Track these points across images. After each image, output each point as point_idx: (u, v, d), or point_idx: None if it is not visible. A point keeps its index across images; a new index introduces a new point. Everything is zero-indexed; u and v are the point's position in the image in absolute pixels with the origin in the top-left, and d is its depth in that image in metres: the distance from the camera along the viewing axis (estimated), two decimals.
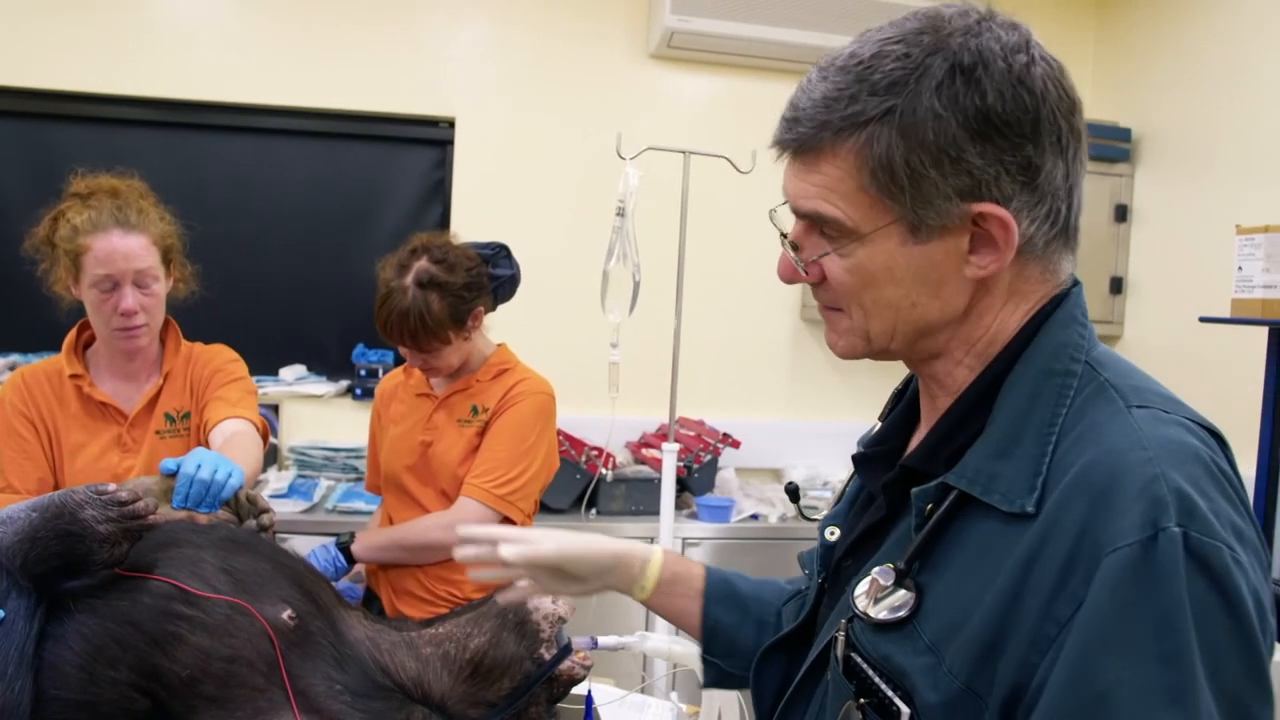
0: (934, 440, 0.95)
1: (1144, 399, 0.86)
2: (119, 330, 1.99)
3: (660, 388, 2.80)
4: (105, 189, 2.01)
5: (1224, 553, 0.75)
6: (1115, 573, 0.75)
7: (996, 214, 0.86)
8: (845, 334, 0.96)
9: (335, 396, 3.84)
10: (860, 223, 0.88)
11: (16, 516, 1.19)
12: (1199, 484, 0.78)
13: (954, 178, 0.85)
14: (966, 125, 0.84)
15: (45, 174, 3.45)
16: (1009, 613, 0.80)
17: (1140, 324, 3.89)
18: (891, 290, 0.90)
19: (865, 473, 1.08)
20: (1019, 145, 0.85)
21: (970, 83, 0.84)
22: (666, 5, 3.65)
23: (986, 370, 0.93)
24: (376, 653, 1.39)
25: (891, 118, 0.84)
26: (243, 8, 3.71)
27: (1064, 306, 0.92)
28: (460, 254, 2.23)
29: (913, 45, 0.85)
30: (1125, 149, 3.90)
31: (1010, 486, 0.84)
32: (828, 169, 0.88)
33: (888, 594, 0.90)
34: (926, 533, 0.89)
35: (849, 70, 0.87)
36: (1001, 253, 0.88)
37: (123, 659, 1.16)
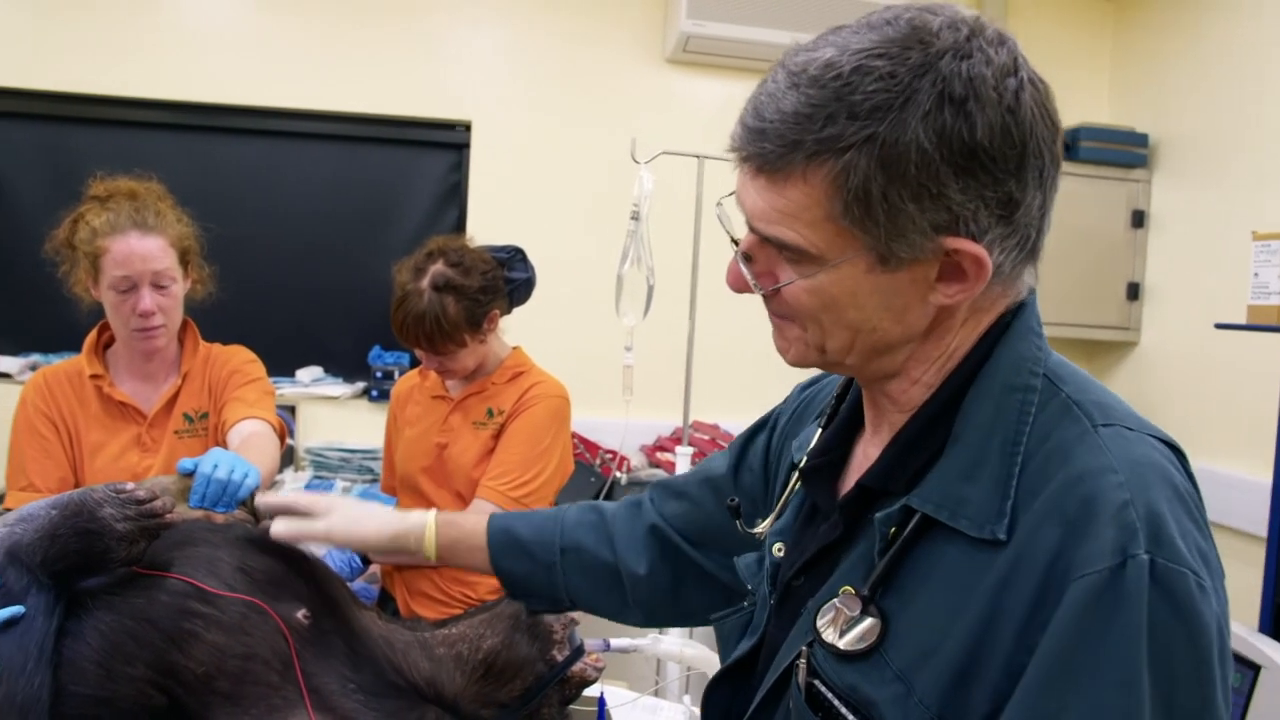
0: (893, 457, 0.91)
1: (1109, 416, 0.84)
2: (137, 331, 2.01)
3: (675, 391, 2.81)
4: (124, 191, 2.03)
5: (1189, 579, 0.74)
6: (1081, 598, 0.74)
7: (971, 250, 0.82)
8: (795, 343, 0.92)
9: (351, 398, 3.86)
10: (825, 251, 0.83)
11: (37, 514, 1.20)
12: (1169, 506, 0.77)
13: (932, 212, 0.80)
14: (951, 160, 0.78)
15: (64, 176, 3.48)
16: (982, 641, 0.79)
17: (1157, 330, 3.88)
18: (853, 314, 0.86)
19: (813, 486, 1.03)
20: (1002, 181, 0.81)
21: (960, 115, 0.78)
22: (682, 9, 3.66)
23: (944, 386, 0.90)
24: (390, 652, 1.40)
25: (872, 146, 0.78)
26: (260, 11, 3.74)
27: (1021, 318, 0.90)
28: (476, 257, 2.24)
29: (898, 63, 0.78)
30: (1142, 154, 3.89)
31: (978, 511, 0.82)
32: (794, 193, 0.82)
33: (854, 623, 0.87)
34: (891, 557, 0.86)
35: (824, 84, 0.79)
36: (971, 285, 0.84)
37: (139, 656, 1.17)
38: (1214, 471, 3.43)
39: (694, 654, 1.59)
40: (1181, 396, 3.69)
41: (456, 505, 2.28)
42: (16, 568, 1.15)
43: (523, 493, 2.22)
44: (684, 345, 2.72)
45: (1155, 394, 3.83)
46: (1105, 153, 3.86)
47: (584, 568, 1.34)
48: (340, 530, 1.35)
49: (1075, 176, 3.87)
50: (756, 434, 1.27)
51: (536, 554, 1.35)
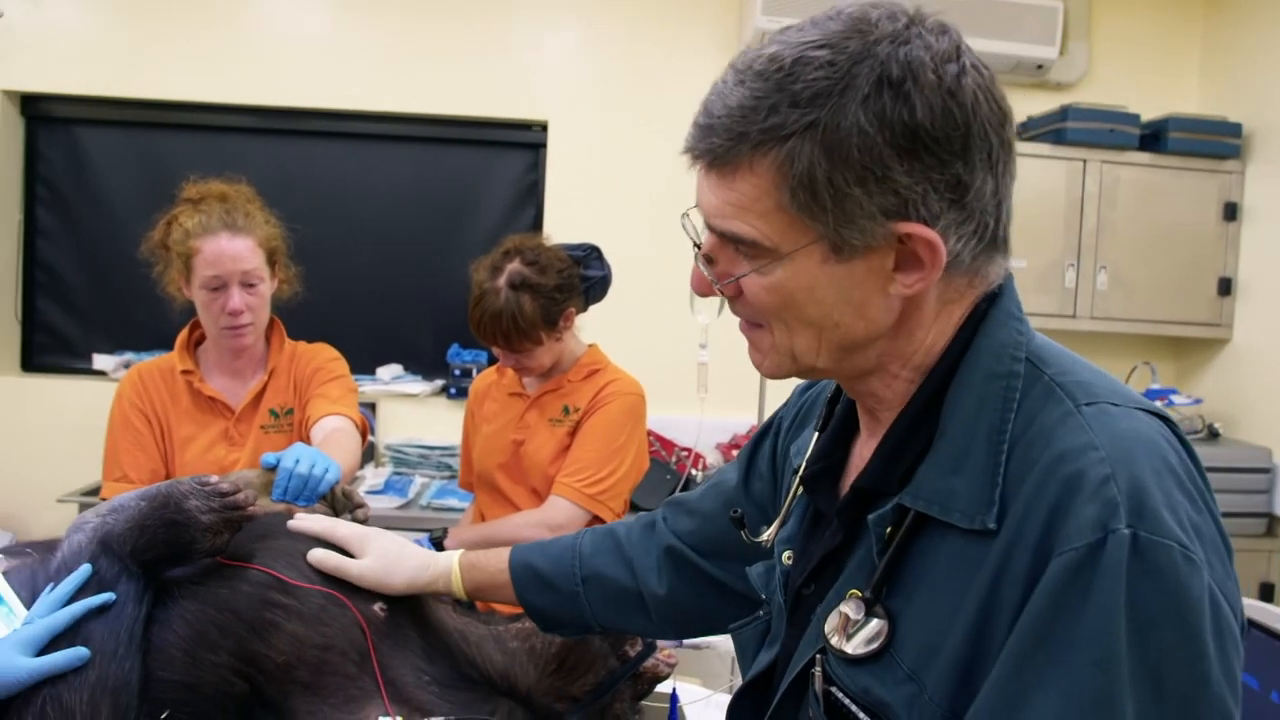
0: (883, 457, 0.91)
1: (1092, 394, 0.83)
2: (226, 329, 2.07)
3: (750, 389, 2.80)
4: (215, 194, 2.10)
5: (1174, 551, 0.72)
6: (1059, 575, 0.73)
7: (923, 234, 0.81)
8: (770, 352, 0.91)
9: (430, 395, 3.92)
10: (779, 242, 0.83)
11: (127, 505, 1.25)
12: (1155, 479, 0.76)
13: (879, 196, 0.80)
14: (893, 142, 0.79)
15: (157, 180, 3.61)
16: (981, 633, 0.78)
17: (1250, 327, 3.75)
18: (813, 309, 0.85)
19: (814, 491, 1.03)
20: (948, 163, 0.81)
21: (898, 96, 0.79)
22: (757, 6, 3.65)
23: (926, 381, 0.89)
24: (464, 645, 1.42)
25: (814, 132, 0.79)
26: (341, 18, 3.82)
27: (998, 304, 0.89)
28: (552, 256, 2.25)
29: (838, 52, 0.79)
30: (1235, 145, 3.77)
31: (968, 503, 0.82)
32: (743, 185, 0.82)
33: (860, 627, 0.86)
34: (889, 557, 0.86)
35: (768, 76, 0.80)
36: (928, 272, 0.83)
37: (223, 644, 1.21)
38: None
39: None
40: (1277, 395, 3.56)
41: (533, 501, 2.30)
42: (108, 556, 1.20)
43: (598, 489, 2.23)
44: None
45: (1248, 392, 3.70)
46: (1195, 144, 3.74)
47: (606, 594, 1.34)
48: (372, 577, 1.34)
49: (1164, 169, 3.77)
50: (762, 440, 1.26)
51: (559, 585, 1.36)
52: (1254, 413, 3.64)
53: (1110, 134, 3.73)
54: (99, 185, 3.85)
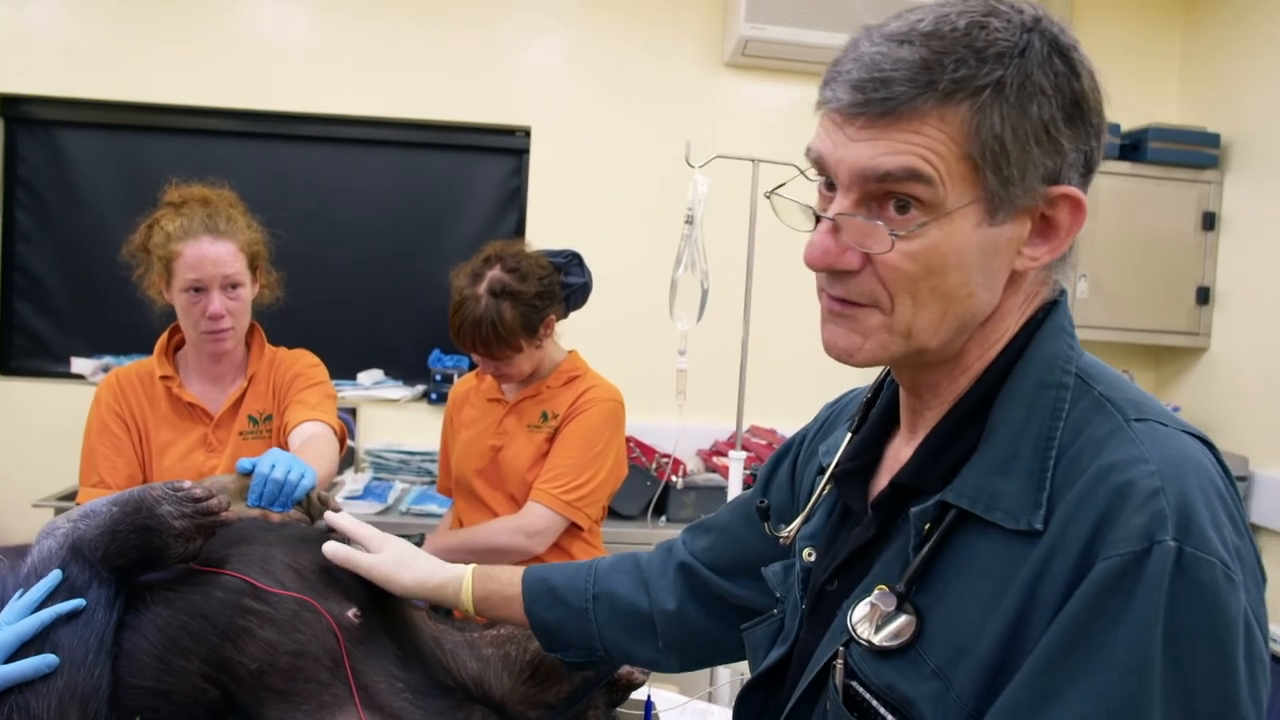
0: (926, 455, 0.91)
1: (1142, 411, 0.84)
2: (206, 333, 2.07)
3: (730, 396, 2.80)
4: (197, 198, 2.10)
5: (1216, 569, 0.73)
6: (1101, 580, 0.74)
7: (1074, 195, 0.84)
8: (876, 332, 0.88)
9: (411, 401, 3.92)
10: (949, 193, 0.82)
11: (99, 511, 1.25)
12: (1203, 498, 0.76)
13: (1048, 158, 0.83)
14: (1064, 106, 0.82)
15: (138, 183, 3.60)
16: (1017, 633, 0.78)
17: (1228, 336, 3.77)
18: (955, 277, 0.85)
19: (846, 489, 1.03)
20: (1090, 135, 0.85)
21: (1068, 63, 0.83)
22: (741, 13, 3.66)
23: (979, 382, 0.90)
24: (439, 652, 1.42)
25: (1003, 88, 0.81)
26: (325, 22, 3.82)
27: (1053, 316, 0.91)
28: (533, 262, 2.26)
29: (1005, 19, 0.83)
30: (1214, 155, 3.79)
31: (1014, 504, 0.82)
32: (929, 132, 0.81)
33: (890, 619, 0.87)
34: (926, 553, 0.86)
35: (944, 35, 0.82)
36: (1060, 241, 0.86)
37: (194, 650, 1.20)
38: None
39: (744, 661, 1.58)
40: (1253, 404, 3.59)
41: (511, 507, 2.30)
42: (79, 562, 1.19)
43: (576, 496, 2.23)
44: (738, 349, 2.71)
45: (1226, 401, 3.73)
46: (1174, 153, 3.77)
47: (616, 613, 1.34)
48: (381, 571, 1.37)
49: (1143, 178, 3.80)
50: (782, 458, 1.27)
51: (569, 600, 1.35)
52: (1232, 421, 3.66)
53: None
54: (79, 188, 3.83)
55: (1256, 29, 3.69)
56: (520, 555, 2.24)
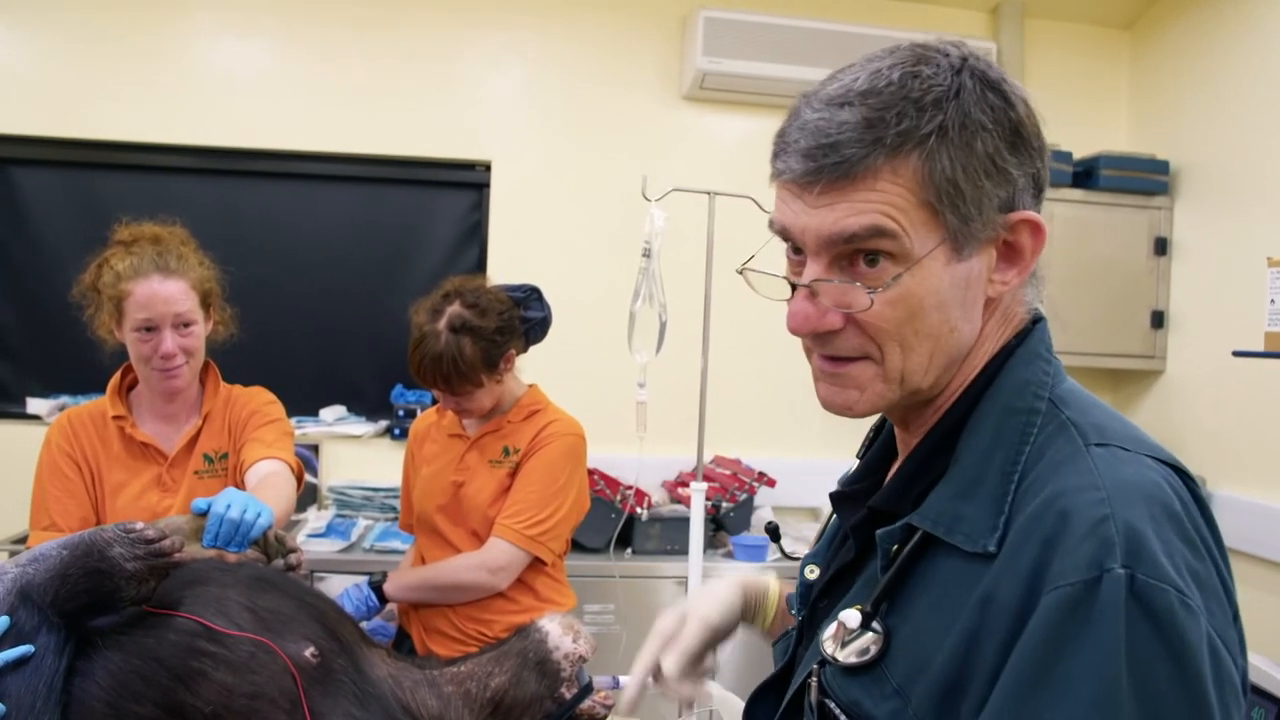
0: (901, 480, 0.93)
1: (1104, 436, 0.84)
2: (159, 371, 2.05)
3: (691, 427, 2.81)
4: (147, 236, 2.08)
5: (1170, 596, 0.72)
6: (1053, 612, 0.74)
7: (1031, 218, 0.87)
8: (872, 383, 0.90)
9: (374, 437, 3.89)
10: (915, 243, 0.84)
11: (49, 554, 1.22)
12: (1153, 524, 0.76)
13: (1000, 188, 0.85)
14: (1005, 136, 0.85)
15: (95, 221, 3.53)
16: (969, 654, 0.79)
17: (1183, 358, 3.84)
18: (936, 316, 0.87)
19: (842, 511, 1.05)
20: (1033, 158, 0.88)
21: (999, 95, 0.86)
22: (698, 48, 3.71)
23: (952, 409, 0.92)
24: (399, 690, 1.40)
25: (946, 131, 0.83)
26: (283, 57, 3.82)
27: (1027, 343, 0.92)
28: (492, 298, 2.26)
29: (934, 66, 0.85)
30: (1163, 181, 3.87)
31: (973, 527, 0.83)
32: (885, 186, 0.83)
33: (854, 637, 0.88)
34: (892, 574, 0.88)
35: (879, 92, 0.84)
36: (1025, 263, 0.89)
37: (148, 695, 1.18)
38: (1242, 500, 3.38)
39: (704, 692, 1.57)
40: (1208, 424, 3.65)
41: (473, 543, 2.29)
42: (28, 607, 1.17)
43: (538, 531, 2.23)
44: (697, 381, 2.72)
45: (1182, 422, 3.78)
46: (1126, 181, 3.84)
47: None
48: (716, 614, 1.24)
49: (1096, 205, 3.86)
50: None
51: None
52: (1188, 442, 3.71)
53: None
54: (35, 226, 3.78)
55: (1200, 59, 3.78)
56: (483, 591, 2.22)
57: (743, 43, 3.72)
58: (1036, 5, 4.11)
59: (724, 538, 3.60)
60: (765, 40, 3.73)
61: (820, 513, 3.95)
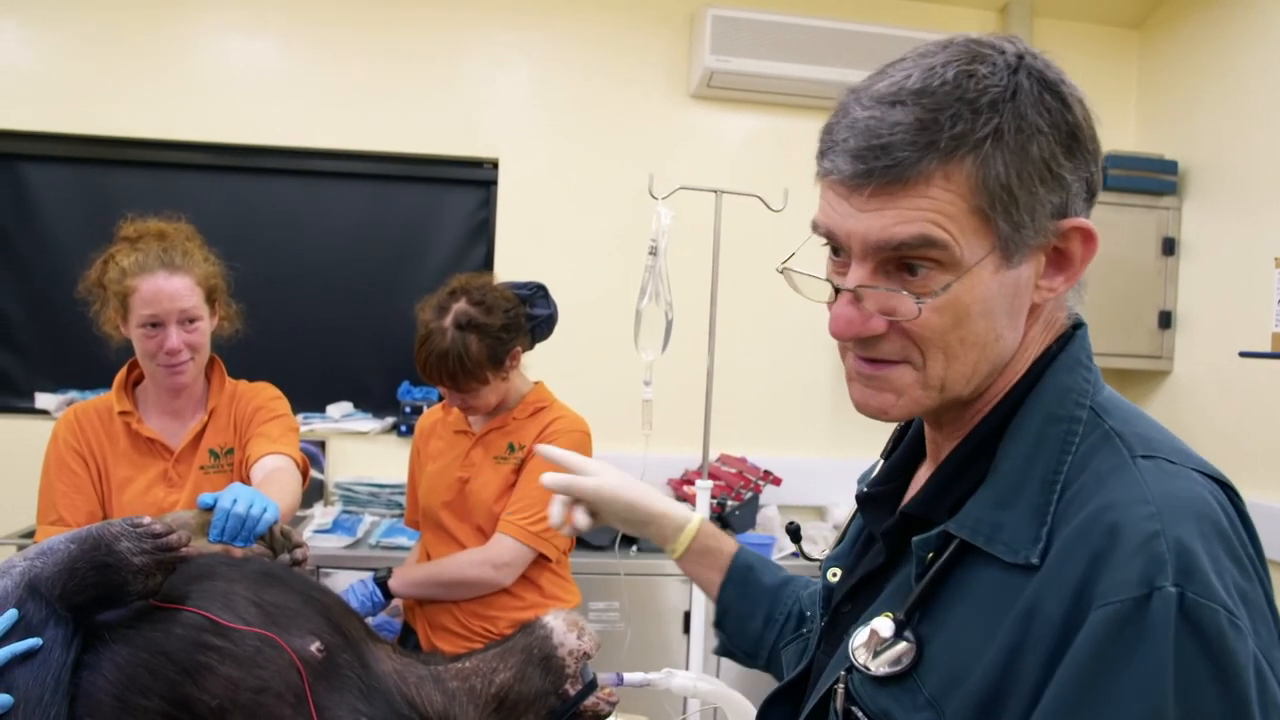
0: (936, 486, 0.91)
1: (1150, 448, 0.83)
2: (164, 367, 2.05)
3: (696, 425, 2.81)
4: (153, 232, 2.09)
5: (1220, 616, 0.71)
6: (1102, 628, 0.72)
7: (1083, 226, 0.85)
8: (910, 389, 0.88)
9: (380, 433, 3.90)
10: (965, 250, 0.82)
11: (56, 548, 1.23)
12: (1203, 542, 0.74)
13: (1054, 194, 0.83)
14: (1061, 140, 0.82)
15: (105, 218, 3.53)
16: (1009, 668, 0.77)
17: (1190, 359, 3.83)
18: (983, 324, 0.85)
19: (868, 514, 1.04)
20: (1088, 161, 0.85)
21: (1057, 97, 0.83)
22: (706, 46, 3.70)
23: (991, 414, 0.90)
24: (404, 686, 1.41)
25: (1002, 135, 0.80)
26: (291, 55, 3.82)
27: (1068, 349, 0.90)
28: (498, 295, 2.26)
29: (990, 65, 0.82)
30: (1172, 181, 3.86)
31: (1014, 537, 0.82)
32: (937, 192, 0.81)
33: (887, 646, 0.87)
34: (927, 582, 0.86)
35: (934, 92, 0.81)
36: (1074, 270, 0.87)
37: (154, 688, 1.19)
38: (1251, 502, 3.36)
39: (708, 689, 1.58)
40: (1215, 425, 3.64)
41: (478, 539, 2.29)
42: (36, 600, 1.17)
43: (542, 527, 2.23)
44: (703, 379, 2.72)
45: (1190, 423, 3.77)
46: (1134, 180, 3.84)
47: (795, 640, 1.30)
48: (609, 488, 1.34)
49: (1104, 205, 3.85)
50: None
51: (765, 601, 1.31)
52: (1196, 443, 3.61)
53: None
54: (45, 222, 3.79)
55: (1210, 58, 3.77)
56: (488, 588, 2.23)
57: (751, 41, 3.72)
58: (1045, 4, 4.10)
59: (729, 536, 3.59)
60: (773, 39, 3.73)
61: (826, 512, 3.94)
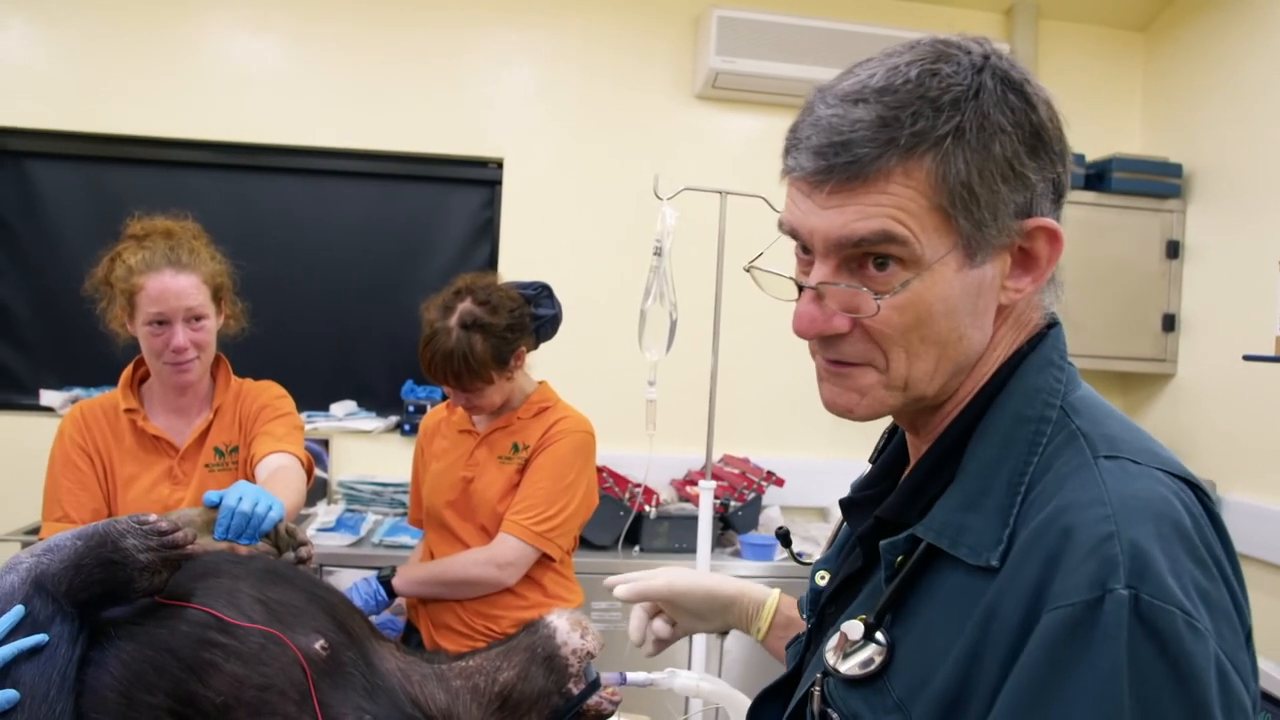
0: (908, 489, 0.91)
1: (1115, 448, 0.81)
2: (170, 365, 2.06)
3: (700, 425, 2.82)
4: (160, 230, 2.09)
5: (1176, 618, 0.70)
6: (1053, 632, 0.72)
7: (1048, 225, 0.84)
8: (873, 389, 0.88)
9: (384, 432, 3.90)
10: (926, 248, 0.82)
11: (63, 545, 1.23)
12: (1161, 543, 0.73)
13: (1018, 193, 0.83)
14: (1024, 139, 0.82)
15: (109, 215, 3.55)
16: (970, 670, 0.77)
17: (1194, 362, 3.83)
18: (945, 323, 0.85)
19: (852, 518, 1.04)
20: (1054, 162, 0.85)
21: (1021, 96, 0.83)
22: (711, 46, 3.71)
23: (961, 416, 0.89)
24: (407, 684, 1.41)
25: (963, 133, 0.81)
26: (297, 53, 3.83)
27: (1040, 349, 0.89)
28: (503, 295, 2.26)
29: (955, 64, 0.83)
30: (1176, 184, 3.86)
31: (977, 539, 0.81)
32: (897, 189, 0.81)
33: (857, 649, 0.87)
34: (896, 586, 0.86)
35: (897, 90, 0.81)
36: (1041, 270, 0.86)
37: (159, 685, 1.19)
38: (1252, 505, 3.37)
39: (711, 689, 1.58)
40: (1219, 428, 3.64)
41: (482, 539, 2.30)
42: (42, 597, 1.18)
43: (547, 527, 2.23)
44: (707, 379, 2.73)
45: (1192, 426, 3.77)
46: (1138, 183, 3.84)
47: None
48: (682, 580, 1.36)
49: (1108, 207, 3.86)
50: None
51: None
52: (1199, 447, 3.70)
53: None
54: (50, 220, 3.80)
55: (1215, 61, 3.77)
56: (491, 587, 2.23)
57: (756, 42, 3.72)
58: (1050, 6, 4.10)
59: (732, 536, 3.61)
60: (778, 40, 3.73)
61: (828, 513, 3.94)
